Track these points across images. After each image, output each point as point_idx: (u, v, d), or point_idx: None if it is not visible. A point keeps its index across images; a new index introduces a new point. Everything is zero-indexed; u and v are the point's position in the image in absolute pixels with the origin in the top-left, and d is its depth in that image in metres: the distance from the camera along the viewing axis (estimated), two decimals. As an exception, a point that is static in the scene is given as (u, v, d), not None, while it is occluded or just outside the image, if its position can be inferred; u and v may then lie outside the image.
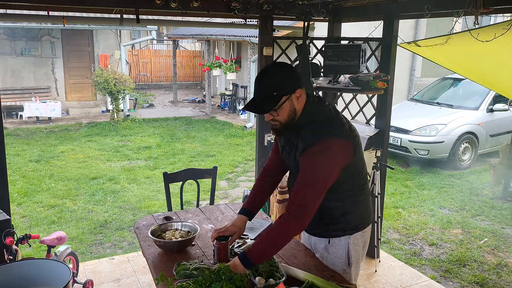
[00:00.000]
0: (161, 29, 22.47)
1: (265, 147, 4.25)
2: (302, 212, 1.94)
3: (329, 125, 2.02)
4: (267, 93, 1.96)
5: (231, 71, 12.67)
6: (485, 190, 6.61)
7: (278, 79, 1.96)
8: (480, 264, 4.41)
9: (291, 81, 1.98)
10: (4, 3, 3.37)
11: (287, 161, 2.18)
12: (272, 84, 1.95)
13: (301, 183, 1.96)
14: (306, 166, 1.97)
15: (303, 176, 1.96)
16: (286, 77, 1.98)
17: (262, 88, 1.98)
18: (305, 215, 1.94)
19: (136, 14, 3.42)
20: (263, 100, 1.96)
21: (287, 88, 1.95)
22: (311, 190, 1.94)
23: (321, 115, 2.03)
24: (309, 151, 1.95)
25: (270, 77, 1.98)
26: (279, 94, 1.94)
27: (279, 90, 1.94)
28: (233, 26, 9.36)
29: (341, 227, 2.15)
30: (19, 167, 7.51)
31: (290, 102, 1.96)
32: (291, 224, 1.95)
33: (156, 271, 2.14)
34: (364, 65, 3.79)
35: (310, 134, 1.98)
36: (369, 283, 3.80)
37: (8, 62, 12.32)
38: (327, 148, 1.94)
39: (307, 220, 1.96)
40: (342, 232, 2.16)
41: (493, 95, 8.00)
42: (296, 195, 1.97)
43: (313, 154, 1.94)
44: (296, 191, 1.98)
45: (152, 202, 6.03)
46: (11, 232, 2.81)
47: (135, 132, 10.46)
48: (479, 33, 2.89)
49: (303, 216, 1.94)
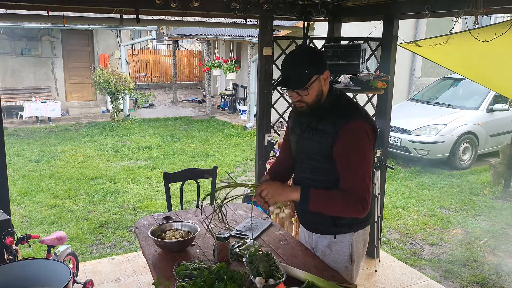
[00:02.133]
0: (161, 29, 22.47)
1: (265, 147, 4.25)
2: (362, 194, 1.95)
3: (355, 108, 2.10)
4: (299, 71, 1.99)
5: (231, 71, 12.67)
6: (485, 190, 6.61)
7: (309, 59, 2.02)
8: (480, 264, 4.41)
9: (320, 61, 2.04)
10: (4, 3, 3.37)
11: (302, 149, 2.16)
12: (304, 63, 2.00)
13: (349, 169, 1.97)
14: (345, 149, 1.98)
15: (348, 160, 1.97)
16: (316, 57, 2.04)
17: (294, 66, 2.02)
18: (366, 196, 1.96)
19: (136, 14, 3.42)
20: (295, 77, 2.00)
21: (317, 68, 2.00)
22: (361, 172, 1.97)
23: (345, 100, 2.11)
24: (344, 131, 1.97)
25: (302, 56, 2.04)
26: (310, 72, 1.98)
27: (310, 69, 1.98)
28: (233, 26, 9.36)
29: (346, 222, 2.15)
30: (19, 167, 7.51)
31: (318, 83, 2.00)
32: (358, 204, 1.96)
33: (156, 271, 2.14)
34: (364, 65, 3.79)
35: (338, 116, 2.01)
36: (369, 283, 3.80)
37: (8, 62, 12.32)
38: (361, 127, 1.99)
39: (368, 200, 1.97)
40: (347, 229, 2.16)
41: (493, 95, 8.00)
42: (349, 181, 1.97)
43: (351, 134, 1.97)
44: (347, 178, 1.98)
45: (152, 202, 6.03)
46: (11, 232, 2.81)
47: (135, 132, 10.46)
48: (479, 33, 2.89)
49: (365, 198, 1.95)
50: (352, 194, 1.97)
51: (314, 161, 2.12)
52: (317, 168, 2.11)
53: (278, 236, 2.54)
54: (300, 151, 2.19)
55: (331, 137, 2.00)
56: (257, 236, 2.50)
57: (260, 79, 4.19)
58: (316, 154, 2.10)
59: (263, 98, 4.23)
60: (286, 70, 2.04)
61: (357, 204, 1.97)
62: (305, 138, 2.13)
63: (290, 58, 2.05)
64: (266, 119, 4.29)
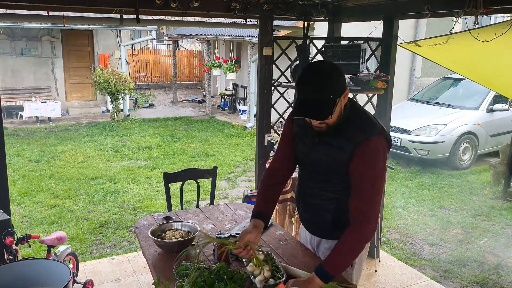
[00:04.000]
0: (161, 29, 22.47)
1: (265, 147, 4.25)
2: (373, 214, 1.92)
3: (372, 123, 1.98)
4: (324, 99, 1.83)
5: (231, 71, 12.67)
6: (485, 190, 6.61)
7: (333, 83, 1.85)
8: (480, 264, 4.41)
9: (343, 82, 1.90)
10: (4, 3, 3.36)
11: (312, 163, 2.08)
12: (329, 88, 1.83)
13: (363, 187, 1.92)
14: (362, 167, 1.91)
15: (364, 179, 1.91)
16: (338, 79, 1.88)
17: (318, 92, 1.82)
18: (376, 216, 1.93)
19: (136, 14, 3.42)
20: (320, 106, 1.83)
21: (340, 91, 1.86)
22: (375, 190, 1.93)
23: (359, 112, 2.00)
24: (362, 150, 1.89)
25: (327, 79, 1.84)
26: (334, 97, 1.84)
27: (335, 93, 1.84)
28: (233, 26, 9.36)
29: None
30: (19, 167, 7.51)
31: (340, 104, 1.88)
32: (366, 228, 1.93)
33: (156, 271, 2.14)
34: (364, 65, 3.79)
35: (355, 132, 1.92)
36: (369, 283, 3.80)
37: (8, 62, 12.32)
38: (379, 145, 1.92)
39: (377, 219, 1.95)
40: None
41: (493, 95, 8.00)
42: (362, 199, 1.93)
43: (369, 153, 1.90)
44: (361, 196, 1.93)
45: (152, 202, 6.03)
46: (11, 232, 2.81)
47: (135, 132, 10.46)
48: (479, 33, 2.89)
49: (375, 218, 1.93)
50: (352, 226, 1.93)
51: (324, 175, 2.06)
52: (326, 181, 2.07)
53: (278, 236, 2.54)
54: (309, 163, 2.11)
55: (348, 154, 1.92)
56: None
57: (260, 79, 4.19)
58: (328, 169, 2.03)
59: (263, 98, 4.23)
60: (308, 97, 1.84)
61: (366, 236, 1.95)
62: (318, 151, 2.03)
63: (313, 83, 1.83)
64: (266, 119, 4.29)
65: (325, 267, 1.90)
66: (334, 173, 2.02)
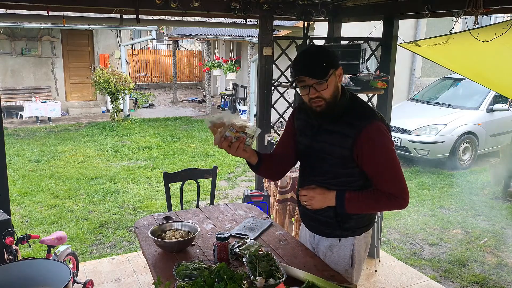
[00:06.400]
0: (161, 29, 22.47)
1: (265, 147, 4.25)
2: (406, 192, 2.00)
3: (371, 110, 2.08)
4: (317, 63, 1.96)
5: (231, 71, 12.67)
6: (485, 190, 6.61)
7: (328, 53, 2.01)
8: (480, 264, 4.41)
9: (335, 56, 2.04)
10: (4, 3, 3.37)
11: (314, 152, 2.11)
12: (321, 56, 1.98)
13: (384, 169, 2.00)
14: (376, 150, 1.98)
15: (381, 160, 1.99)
16: (331, 52, 2.04)
17: (312, 58, 1.98)
18: (407, 191, 2.00)
19: (136, 14, 3.43)
20: (315, 67, 1.95)
21: (334, 62, 1.98)
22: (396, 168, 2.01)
23: (359, 101, 2.09)
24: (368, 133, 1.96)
25: (318, 50, 2.02)
26: (327, 65, 1.95)
27: (328, 62, 1.96)
28: (233, 26, 9.35)
29: (351, 226, 2.13)
30: (19, 167, 7.51)
31: (334, 78, 1.98)
32: (402, 203, 2.00)
33: (156, 271, 2.14)
34: (364, 65, 3.79)
35: (357, 118, 1.99)
36: (369, 283, 3.80)
37: (8, 62, 12.32)
38: (380, 128, 1.99)
39: (408, 193, 2.01)
40: (351, 232, 2.15)
41: (493, 95, 8.00)
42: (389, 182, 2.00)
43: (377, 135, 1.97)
44: (387, 179, 2.00)
45: (152, 202, 6.03)
46: (11, 232, 2.81)
47: (135, 132, 10.46)
48: (479, 33, 2.89)
49: (407, 194, 2.00)
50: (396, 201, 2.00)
51: (327, 165, 2.08)
52: (328, 172, 2.08)
53: (278, 236, 2.54)
54: (312, 154, 2.13)
55: (352, 139, 1.97)
56: (257, 236, 2.50)
57: (260, 79, 4.19)
58: (331, 157, 2.05)
59: (263, 98, 4.23)
60: (303, 61, 2.00)
61: (399, 206, 2.02)
62: (319, 140, 2.08)
63: (306, 52, 2.02)
64: (266, 119, 4.29)
65: (346, 194, 2.01)
66: (337, 163, 2.04)
